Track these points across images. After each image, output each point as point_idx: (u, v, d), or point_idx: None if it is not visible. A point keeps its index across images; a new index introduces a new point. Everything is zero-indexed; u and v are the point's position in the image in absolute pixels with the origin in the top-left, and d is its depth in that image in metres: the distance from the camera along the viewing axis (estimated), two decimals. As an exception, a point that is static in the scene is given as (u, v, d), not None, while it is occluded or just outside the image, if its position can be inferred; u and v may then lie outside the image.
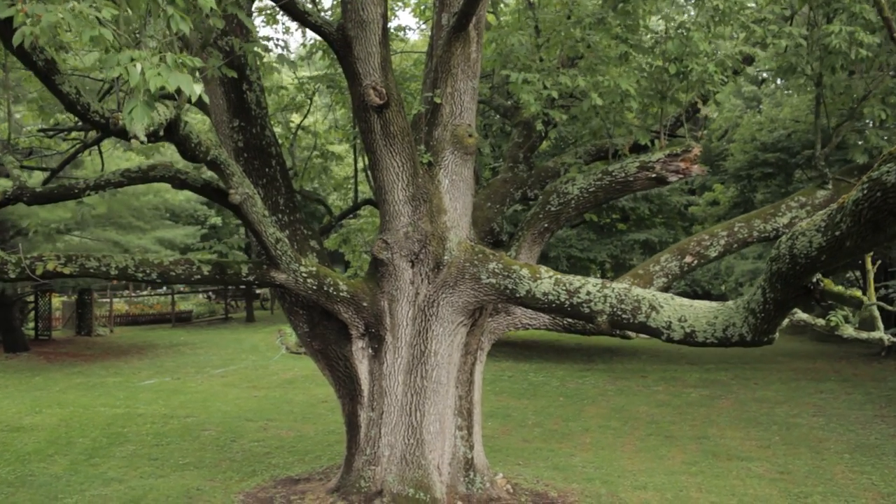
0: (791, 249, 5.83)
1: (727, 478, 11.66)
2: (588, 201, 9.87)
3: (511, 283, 8.84)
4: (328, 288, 9.23)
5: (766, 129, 23.39)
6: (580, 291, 8.41)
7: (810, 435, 14.36)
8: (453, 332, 9.61)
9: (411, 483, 9.44)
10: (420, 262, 9.54)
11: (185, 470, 11.62)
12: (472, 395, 10.15)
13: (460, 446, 9.92)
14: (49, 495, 10.36)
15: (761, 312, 6.81)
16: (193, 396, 17.63)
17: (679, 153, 9.25)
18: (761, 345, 7.35)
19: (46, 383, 19.15)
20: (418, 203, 9.47)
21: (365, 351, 9.86)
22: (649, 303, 8.09)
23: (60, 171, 11.95)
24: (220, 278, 8.98)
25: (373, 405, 9.79)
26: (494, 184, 11.64)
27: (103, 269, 8.25)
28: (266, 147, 10.12)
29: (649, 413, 16.37)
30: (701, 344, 7.82)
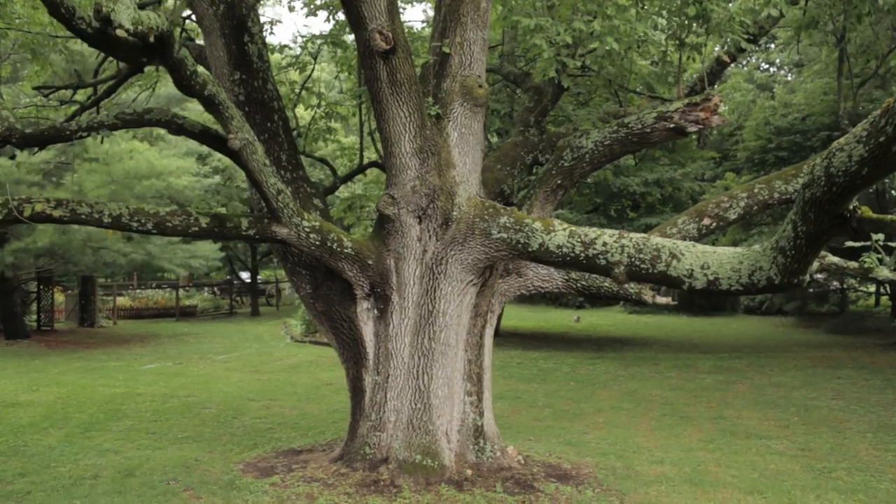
0: (827, 169, 5.40)
1: (746, 454, 11.20)
2: (603, 155, 9.45)
3: (523, 236, 8.43)
4: (332, 244, 8.83)
5: (779, 113, 22.93)
6: (596, 243, 8.00)
7: (830, 416, 13.88)
8: (462, 292, 9.20)
9: (418, 449, 9.03)
10: (428, 217, 9.13)
11: (184, 443, 11.21)
12: (482, 360, 9.72)
13: (469, 413, 9.49)
14: (42, 464, 9.97)
15: (791, 250, 6.38)
16: (195, 379, 17.24)
17: (698, 102, 8.82)
18: (790, 288, 6.91)
19: (45, 366, 18.79)
20: (426, 156, 9.07)
21: (370, 312, 9.45)
22: (669, 251, 7.66)
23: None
24: (218, 231, 8.59)
25: (378, 368, 9.38)
26: (505, 147, 11.24)
27: (95, 215, 7.86)
28: (268, 101, 9.75)
29: (663, 396, 15.90)
30: (725, 292, 7.39)
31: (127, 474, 9.54)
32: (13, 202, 7.33)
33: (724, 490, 9.49)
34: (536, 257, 8.45)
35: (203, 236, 8.59)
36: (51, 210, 7.44)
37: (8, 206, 7.28)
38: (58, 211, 7.54)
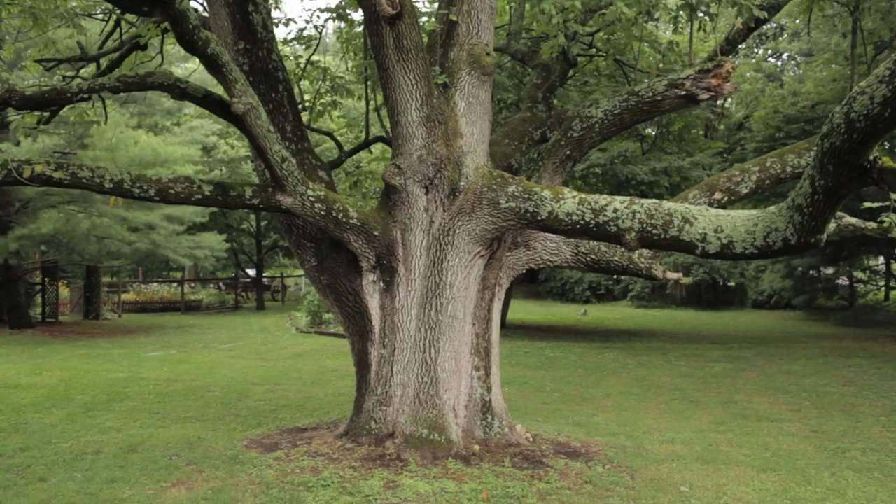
0: (847, 115, 5.22)
1: (758, 435, 11.01)
2: (613, 125, 9.27)
3: (532, 205, 8.27)
4: (337, 214, 8.67)
5: (788, 101, 22.72)
6: (606, 209, 7.84)
7: (842, 401, 13.67)
8: (470, 264, 9.03)
9: (425, 423, 8.86)
10: (435, 187, 8.97)
11: (187, 423, 11.07)
12: (490, 334, 9.55)
13: (477, 387, 9.32)
14: (43, 440, 9.84)
15: (809, 207, 6.20)
16: (199, 365, 17.10)
17: (710, 69, 8.65)
18: (807, 249, 6.73)
19: (49, 353, 18.68)
20: (433, 125, 8.91)
21: (376, 284, 9.29)
22: (682, 215, 7.50)
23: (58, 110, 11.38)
24: (221, 200, 8.42)
25: (384, 342, 9.21)
26: (512, 122, 11.07)
27: (97, 180, 7.71)
28: (273, 71, 9.60)
29: (672, 382, 15.70)
30: (739, 256, 7.21)
31: (129, 450, 9.40)
32: (12, 163, 7.19)
33: (737, 468, 9.31)
34: (546, 226, 8.28)
35: (206, 204, 8.43)
36: (51, 172, 7.29)
37: (7, 167, 7.13)
38: (58, 173, 7.40)
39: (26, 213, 21.16)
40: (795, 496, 8.29)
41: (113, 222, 22.16)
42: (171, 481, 8.17)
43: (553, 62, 11.42)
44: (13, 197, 21.56)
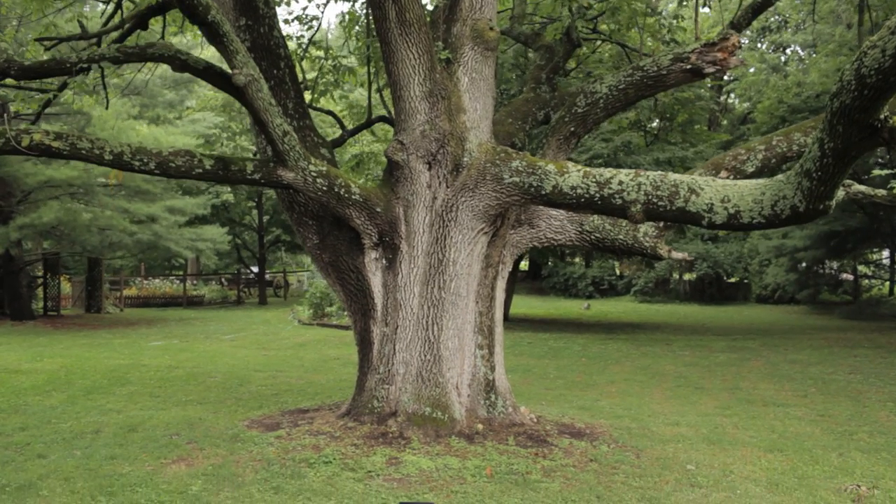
0: (858, 71, 5.11)
1: (764, 419, 10.91)
2: (618, 100, 9.18)
3: (536, 179, 8.17)
4: (339, 189, 8.57)
5: (792, 92, 22.60)
6: (611, 182, 7.75)
7: (849, 388, 13.55)
8: (473, 241, 8.94)
9: (428, 402, 8.77)
10: (438, 163, 8.88)
11: (188, 405, 10.98)
12: (494, 313, 9.45)
13: (480, 366, 9.22)
14: (42, 420, 9.77)
15: (818, 171, 6.09)
16: (201, 354, 17.02)
17: (716, 42, 8.55)
18: (815, 216, 6.63)
19: (50, 342, 18.61)
20: (436, 100, 8.82)
21: (378, 262, 9.20)
22: (688, 186, 7.40)
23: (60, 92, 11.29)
24: (222, 174, 8.34)
25: (386, 320, 9.12)
26: (516, 102, 10.97)
27: (96, 151, 7.63)
28: (274, 48, 9.51)
29: (676, 370, 15.60)
30: (746, 226, 7.11)
31: (129, 429, 9.32)
32: (11, 132, 7.11)
33: (744, 448, 9.21)
34: (550, 200, 8.19)
35: (207, 179, 8.34)
36: (50, 141, 7.21)
37: (6, 136, 7.05)
38: (57, 143, 7.31)
39: (27, 204, 21.10)
40: (803, 474, 8.19)
41: (114, 213, 22.08)
42: (172, 458, 8.09)
43: (556, 44, 11.33)
44: (15, 188, 21.49)
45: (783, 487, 7.74)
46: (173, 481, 7.30)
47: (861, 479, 8.01)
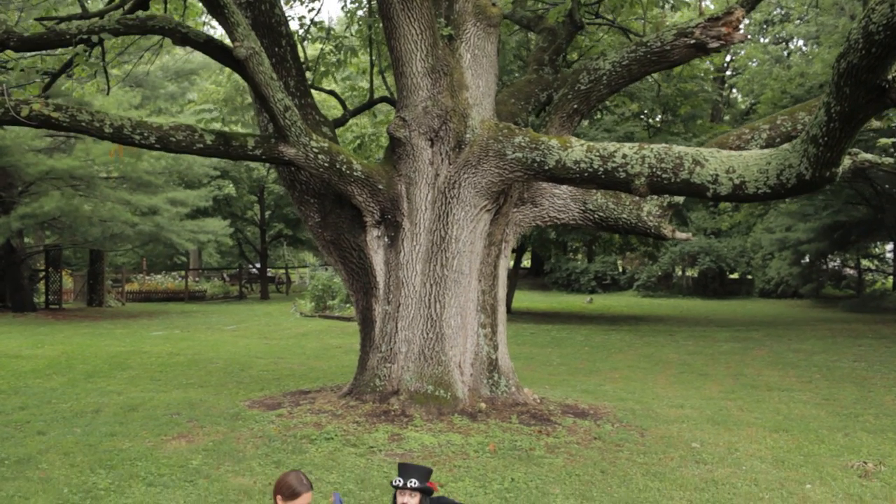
0: (866, 28, 5.04)
1: (769, 402, 10.83)
2: (621, 77, 9.10)
3: (539, 155, 8.10)
4: (341, 166, 8.51)
5: (796, 83, 22.49)
6: (615, 156, 7.67)
7: (853, 374, 13.47)
8: (476, 218, 8.87)
9: (430, 380, 8.70)
10: (440, 140, 8.81)
11: (189, 388, 10.92)
12: (496, 291, 9.38)
13: (483, 345, 9.15)
14: (42, 400, 9.71)
15: (824, 137, 6.02)
16: (202, 342, 16.96)
17: (720, 16, 8.48)
18: (822, 185, 6.55)
19: (52, 331, 18.55)
20: (438, 76, 8.75)
21: (380, 240, 9.13)
22: (693, 158, 7.34)
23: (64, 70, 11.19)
24: (223, 150, 8.27)
25: (388, 298, 9.05)
26: (518, 83, 10.91)
27: (96, 124, 7.56)
28: (276, 26, 9.45)
29: (680, 359, 15.51)
30: (752, 197, 7.04)
31: (129, 409, 9.26)
32: (10, 102, 7.04)
33: (748, 429, 9.14)
34: (553, 176, 8.13)
35: (207, 154, 8.27)
36: (49, 112, 7.14)
37: (5, 106, 6.98)
38: (57, 113, 7.25)
39: (29, 195, 21.02)
40: (809, 452, 8.12)
41: (116, 205, 22.01)
42: (172, 435, 8.03)
43: (559, 27, 11.26)
44: (16, 178, 21.44)
45: (789, 464, 7.67)
46: (173, 456, 7.24)
47: (867, 457, 7.93)
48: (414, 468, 4.70)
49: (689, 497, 6.56)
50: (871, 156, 7.18)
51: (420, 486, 4.58)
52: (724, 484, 6.95)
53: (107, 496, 6.13)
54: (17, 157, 19.67)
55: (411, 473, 4.63)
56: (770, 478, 7.19)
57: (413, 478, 4.60)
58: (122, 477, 6.62)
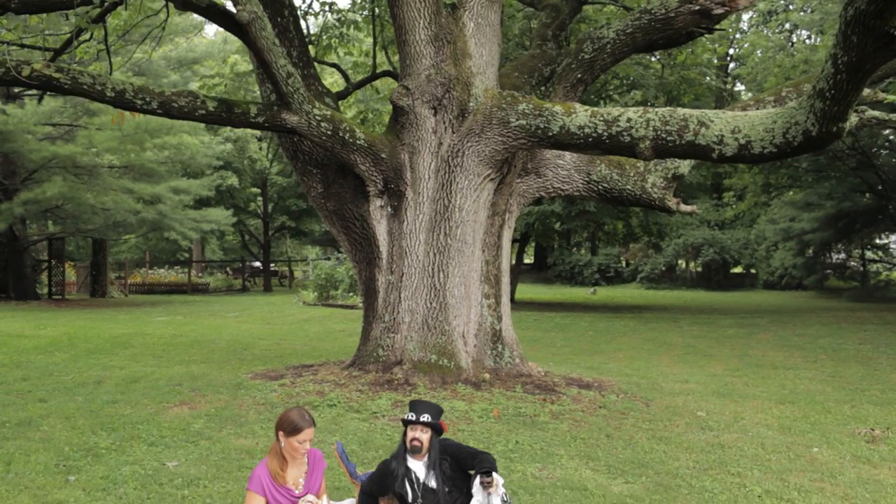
0: (875, -29, 4.98)
1: (775, 379, 10.77)
2: (625, 45, 9.04)
3: (543, 121, 8.04)
4: (344, 134, 8.45)
5: (800, 70, 22.39)
6: (619, 120, 7.62)
7: (859, 355, 13.40)
8: (479, 187, 8.81)
9: (434, 349, 8.64)
10: (443, 108, 8.76)
11: (192, 364, 10.88)
12: (500, 262, 9.32)
13: (487, 316, 9.09)
14: (45, 373, 9.68)
15: (832, 90, 5.96)
16: (205, 326, 16.92)
17: (727, -18, 8.41)
18: (829, 141, 6.49)
19: (54, 316, 18.52)
20: (441, 44, 8.70)
21: (383, 209, 9.07)
22: (697, 119, 7.28)
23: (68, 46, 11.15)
24: (225, 117, 8.22)
25: (392, 268, 9.00)
26: (522, 58, 10.84)
27: (98, 87, 7.52)
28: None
29: (684, 342, 15.44)
30: (757, 157, 6.99)
31: (131, 381, 9.22)
32: (12, 62, 6.99)
33: (754, 401, 9.08)
34: (558, 142, 8.07)
35: (209, 121, 8.22)
36: (51, 72, 7.10)
37: (6, 66, 6.94)
38: (59, 74, 7.20)
39: (32, 182, 20.95)
40: (816, 421, 8.06)
41: (119, 193, 21.96)
42: (174, 402, 7.99)
43: (562, 3, 11.20)
44: (19, 166, 21.41)
45: (796, 430, 7.61)
46: (175, 420, 7.20)
47: (874, 425, 7.87)
48: (426, 405, 4.66)
49: (695, 458, 6.50)
50: (879, 113, 7.10)
51: (431, 423, 4.54)
52: (731, 447, 6.89)
53: (108, 454, 6.08)
54: (19, 144, 19.63)
55: (423, 410, 4.59)
56: (777, 442, 7.13)
57: (426, 413, 4.56)
58: (124, 438, 6.58)
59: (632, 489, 5.63)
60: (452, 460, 4.55)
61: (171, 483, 5.41)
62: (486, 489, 4.05)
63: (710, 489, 5.65)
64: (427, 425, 4.56)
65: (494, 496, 4.06)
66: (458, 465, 4.53)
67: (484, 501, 4.09)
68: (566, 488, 5.60)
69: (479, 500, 4.11)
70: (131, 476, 5.53)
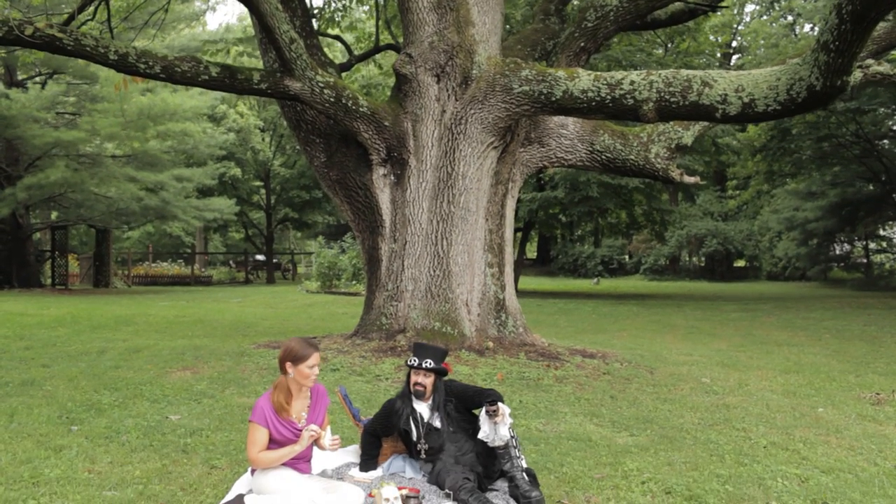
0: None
1: (779, 353, 10.74)
2: (628, 12, 9.00)
3: (546, 86, 8.02)
4: (347, 101, 8.43)
5: (804, 56, 22.33)
6: (623, 83, 7.58)
7: (863, 335, 13.36)
8: (482, 155, 8.79)
9: (437, 317, 8.61)
10: (446, 76, 8.73)
11: (195, 338, 10.86)
12: (504, 231, 9.30)
13: (490, 284, 9.07)
14: (47, 344, 9.68)
15: (836, 41, 5.92)
16: (208, 309, 16.90)
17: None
18: (833, 96, 6.45)
19: (57, 300, 18.50)
20: (444, 11, 8.68)
21: (386, 178, 9.05)
22: (701, 79, 7.25)
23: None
24: (228, 83, 8.20)
25: (395, 236, 8.98)
26: (525, 32, 10.82)
27: (101, 49, 7.50)
28: (280, -35, 9.36)
29: (688, 324, 15.40)
30: (761, 115, 6.95)
31: (134, 351, 9.21)
32: (13, 21, 6.98)
33: (759, 370, 9.06)
34: (560, 107, 8.03)
35: (212, 86, 8.20)
36: (54, 32, 7.08)
37: (8, 24, 6.92)
38: (62, 34, 7.19)
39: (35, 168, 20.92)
40: (821, 387, 8.03)
41: (122, 181, 21.95)
42: (177, 367, 7.98)
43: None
44: (22, 153, 21.40)
45: (800, 395, 7.59)
46: (178, 383, 7.19)
47: (879, 390, 7.84)
48: (430, 348, 4.64)
49: (700, 416, 6.48)
50: (884, 67, 7.06)
51: (435, 367, 4.52)
52: (736, 407, 6.87)
53: (110, 409, 6.07)
54: (22, 129, 19.61)
55: (427, 354, 4.57)
56: (782, 404, 7.11)
57: (428, 358, 4.54)
58: (126, 396, 6.57)
59: (637, 440, 5.62)
60: (457, 401, 4.53)
61: (173, 433, 5.40)
62: (492, 418, 4.03)
63: (715, 441, 5.62)
64: (430, 370, 4.55)
65: (501, 425, 4.04)
66: (463, 405, 4.51)
67: (491, 431, 4.07)
68: (570, 439, 5.58)
69: (486, 430, 4.09)
70: (134, 427, 5.52)
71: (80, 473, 4.44)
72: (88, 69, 20.16)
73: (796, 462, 5.09)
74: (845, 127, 23.26)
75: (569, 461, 4.96)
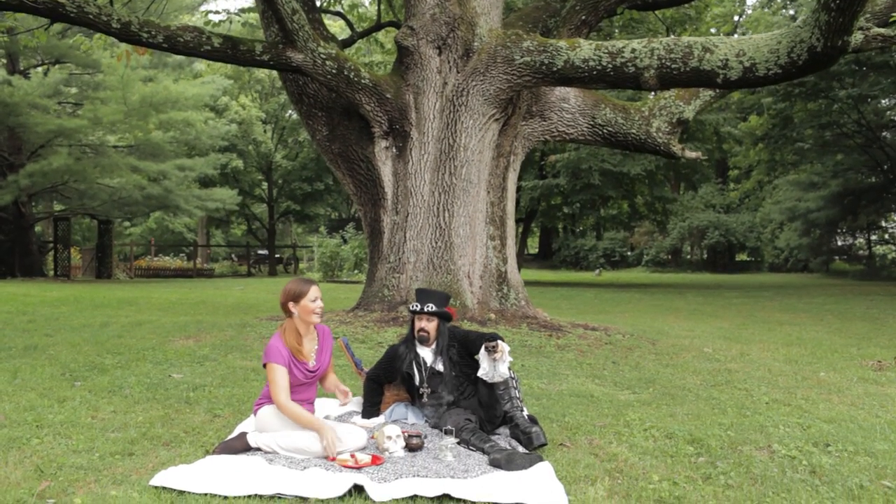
0: None
1: (780, 331, 10.73)
2: (632, -17, 9.02)
3: (547, 56, 8.03)
4: (349, 73, 8.44)
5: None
6: (624, 51, 7.60)
7: (866, 316, 13.36)
8: (484, 127, 8.80)
9: (439, 288, 8.58)
10: (448, 48, 8.74)
11: (198, 315, 10.88)
12: (505, 204, 9.31)
13: (492, 257, 9.08)
14: (50, 318, 9.70)
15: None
16: (211, 294, 16.94)
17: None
18: (834, 57, 6.48)
19: (60, 288, 18.53)
20: (446, -17, 8.68)
21: (388, 150, 9.06)
22: (702, 45, 7.26)
23: None
24: (231, 54, 8.21)
25: (397, 208, 8.99)
26: (527, 9, 10.83)
27: (104, 18, 7.52)
28: (282, -61, 9.37)
29: (690, 308, 15.39)
30: (762, 79, 6.97)
31: (136, 325, 9.23)
32: (15, -12, 7.01)
33: (760, 343, 9.06)
34: (563, 76, 8.05)
35: (214, 58, 8.22)
36: (54, -4, 7.10)
37: (10, -11, 6.95)
38: (64, 0, 7.21)
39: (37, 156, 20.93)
40: (822, 356, 8.04)
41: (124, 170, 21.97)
42: (180, 336, 8.00)
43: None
44: (25, 141, 21.41)
45: (802, 362, 7.60)
46: (181, 349, 7.21)
47: (881, 359, 7.85)
48: (432, 293, 4.65)
49: (702, 378, 6.49)
50: (884, 30, 7.06)
51: (438, 311, 4.53)
52: (738, 372, 6.88)
53: (113, 370, 6.09)
54: (25, 117, 19.63)
55: (429, 298, 4.58)
56: (784, 369, 7.12)
57: (430, 302, 4.55)
58: (129, 359, 6.59)
59: (639, 397, 5.63)
60: (460, 346, 4.55)
61: (176, 388, 5.42)
62: (491, 354, 4.04)
63: (717, 398, 5.63)
64: (433, 314, 4.56)
65: (500, 363, 4.06)
66: (466, 350, 4.52)
67: (490, 368, 4.08)
68: (573, 395, 5.59)
69: (485, 367, 4.10)
70: (137, 383, 5.54)
71: (83, 419, 4.46)
72: (91, 57, 20.16)
73: (798, 414, 5.10)
74: (847, 115, 23.23)
75: (571, 412, 4.97)
